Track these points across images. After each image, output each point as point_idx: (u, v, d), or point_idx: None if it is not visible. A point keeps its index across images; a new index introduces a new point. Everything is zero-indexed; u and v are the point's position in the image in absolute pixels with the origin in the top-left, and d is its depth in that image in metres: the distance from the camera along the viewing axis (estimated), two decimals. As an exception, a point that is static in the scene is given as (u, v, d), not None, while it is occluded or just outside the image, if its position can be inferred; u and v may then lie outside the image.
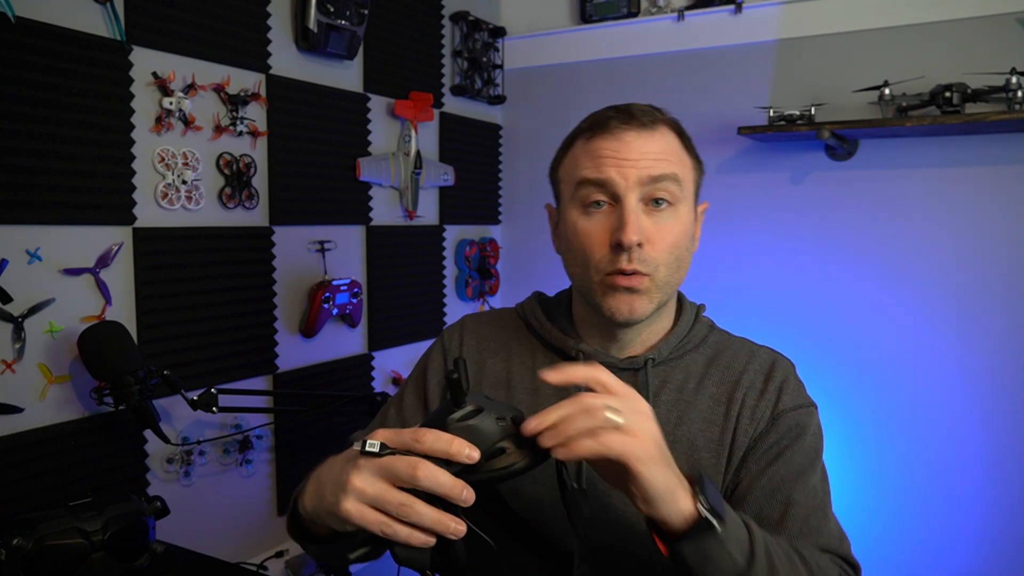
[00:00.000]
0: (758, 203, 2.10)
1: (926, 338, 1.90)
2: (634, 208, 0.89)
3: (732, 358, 1.00)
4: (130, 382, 1.29)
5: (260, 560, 1.66)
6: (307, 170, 1.77)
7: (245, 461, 1.65)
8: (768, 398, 0.95)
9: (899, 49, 1.89)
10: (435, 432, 0.68)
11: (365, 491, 0.68)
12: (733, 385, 0.97)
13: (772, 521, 0.88)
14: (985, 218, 1.83)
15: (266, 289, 1.69)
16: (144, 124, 1.43)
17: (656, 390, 0.96)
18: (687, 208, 0.94)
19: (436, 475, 0.66)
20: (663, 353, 0.97)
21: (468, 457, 0.67)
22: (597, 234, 0.91)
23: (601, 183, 0.90)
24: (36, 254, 1.28)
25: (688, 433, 0.94)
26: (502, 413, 0.72)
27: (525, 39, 2.42)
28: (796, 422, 0.94)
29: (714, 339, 1.03)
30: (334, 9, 1.74)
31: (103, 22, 1.36)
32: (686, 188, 0.93)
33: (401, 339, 2.09)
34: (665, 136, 0.92)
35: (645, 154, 0.89)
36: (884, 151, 1.93)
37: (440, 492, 0.66)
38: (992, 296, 1.83)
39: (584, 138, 0.93)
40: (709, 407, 0.96)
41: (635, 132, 0.90)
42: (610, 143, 0.90)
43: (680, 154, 0.94)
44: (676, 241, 0.92)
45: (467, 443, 0.68)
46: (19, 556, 1.07)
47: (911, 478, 1.92)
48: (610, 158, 0.89)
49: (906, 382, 1.93)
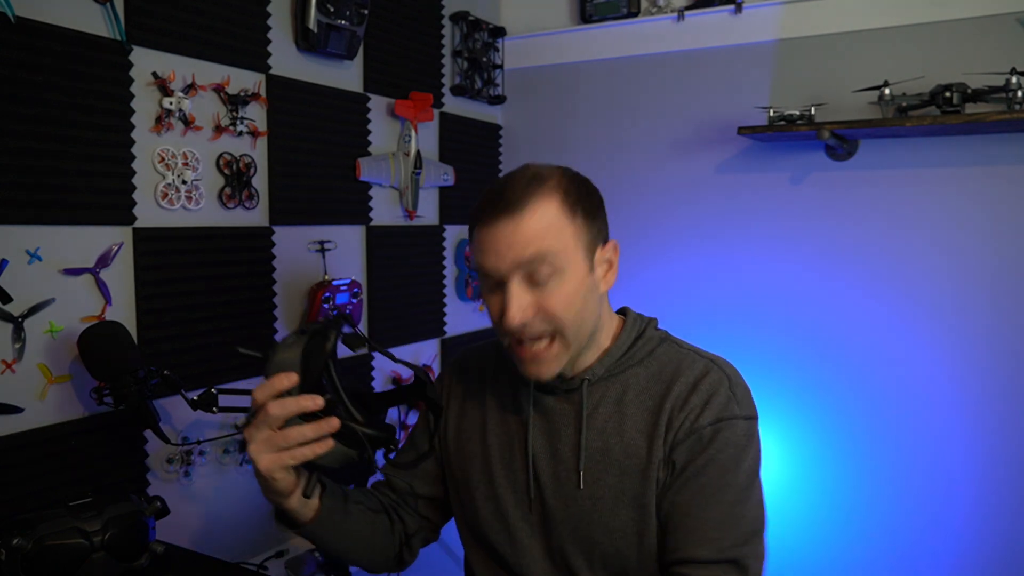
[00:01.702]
0: (758, 203, 2.10)
1: (926, 338, 1.90)
2: (515, 292, 0.97)
3: (672, 371, 1.05)
4: (130, 382, 1.28)
5: (260, 560, 1.66)
6: (307, 170, 1.77)
7: (245, 461, 1.65)
8: (690, 409, 1.01)
9: (899, 49, 1.89)
10: (257, 389, 0.91)
11: (259, 449, 0.91)
12: (663, 396, 1.03)
13: (674, 530, 0.98)
14: (985, 218, 1.83)
15: (266, 289, 1.69)
16: (144, 124, 1.43)
17: (594, 405, 1.06)
18: (575, 268, 0.99)
19: (283, 405, 0.89)
20: (598, 372, 1.06)
21: (285, 385, 0.90)
22: (494, 307, 1.01)
23: (486, 272, 0.99)
24: (36, 254, 1.28)
25: (620, 442, 1.03)
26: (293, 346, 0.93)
27: (525, 39, 2.42)
28: (711, 437, 0.99)
29: (662, 352, 1.09)
30: (334, 9, 1.74)
31: (103, 22, 1.36)
32: (567, 254, 0.98)
33: (401, 339, 2.09)
34: (535, 213, 0.97)
35: (514, 242, 0.96)
36: (884, 151, 1.93)
37: (295, 411, 0.90)
38: (992, 295, 1.83)
39: (476, 223, 1.01)
40: (643, 418, 1.03)
41: (505, 219, 0.96)
42: (488, 232, 0.98)
43: (556, 224, 0.98)
44: (568, 301, 0.98)
45: (280, 377, 0.90)
46: (19, 556, 1.07)
47: (903, 482, 1.92)
48: (490, 248, 0.98)
49: (904, 382, 1.93)
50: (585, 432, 1.04)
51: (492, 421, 1.14)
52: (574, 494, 1.04)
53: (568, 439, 1.06)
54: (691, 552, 0.96)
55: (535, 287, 0.97)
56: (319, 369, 0.92)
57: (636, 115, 2.25)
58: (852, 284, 1.98)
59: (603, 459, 1.03)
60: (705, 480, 0.98)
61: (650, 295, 2.16)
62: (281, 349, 0.92)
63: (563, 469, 1.05)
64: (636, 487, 1.01)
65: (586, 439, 1.04)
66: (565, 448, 1.06)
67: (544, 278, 0.97)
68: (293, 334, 0.95)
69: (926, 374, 1.90)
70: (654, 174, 2.24)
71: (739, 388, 1.04)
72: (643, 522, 1.01)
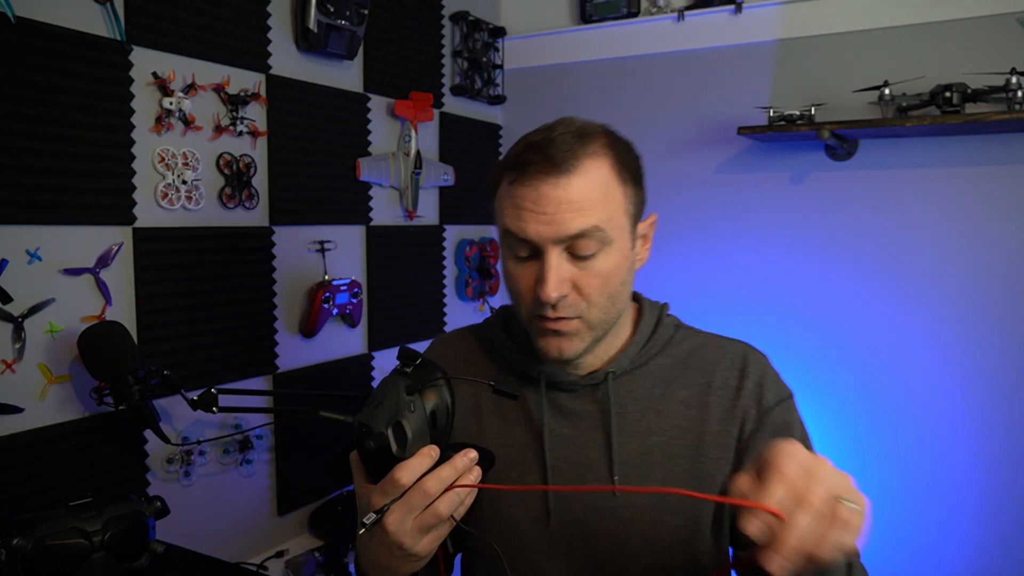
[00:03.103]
0: (758, 203, 2.10)
1: (926, 338, 1.90)
2: (555, 265, 0.85)
3: (702, 358, 0.97)
4: (130, 382, 1.28)
5: (260, 560, 1.66)
6: (307, 170, 1.77)
7: (245, 461, 1.65)
8: (747, 396, 0.93)
9: (899, 49, 1.89)
10: (399, 469, 0.76)
11: (415, 535, 0.77)
12: (705, 387, 0.95)
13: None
14: (985, 218, 1.83)
15: (266, 289, 1.69)
16: (144, 124, 1.43)
17: (621, 402, 0.95)
18: (620, 243, 0.89)
19: (440, 479, 0.76)
20: (624, 364, 0.96)
21: (432, 459, 0.77)
22: (524, 279, 0.89)
23: (521, 238, 0.87)
24: (36, 254, 1.28)
25: (660, 441, 0.93)
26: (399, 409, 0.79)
27: (525, 39, 2.42)
28: (783, 419, 0.93)
29: (680, 339, 1.01)
30: (334, 9, 1.74)
31: (103, 22, 1.35)
32: (615, 227, 0.87)
33: (401, 339, 2.09)
34: (587, 175, 0.85)
35: (562, 206, 0.84)
36: (884, 151, 1.93)
37: (448, 483, 0.77)
38: (992, 296, 1.82)
39: (508, 179, 0.89)
40: (680, 413, 0.94)
41: (552, 181, 0.84)
42: (528, 193, 0.85)
43: (607, 189, 0.87)
44: (606, 282, 0.88)
45: (424, 452, 0.77)
46: (19, 556, 1.06)
47: (907, 479, 1.92)
48: (528, 211, 0.85)
49: (906, 382, 1.93)
50: (616, 433, 0.93)
51: (492, 429, 0.99)
52: (609, 504, 0.92)
53: (596, 443, 0.94)
54: None
55: (576, 260, 0.87)
56: (447, 426, 0.82)
57: (636, 115, 2.25)
58: (852, 284, 1.98)
59: (641, 463, 0.92)
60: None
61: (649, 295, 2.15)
62: (405, 415, 0.78)
63: (593, 478, 0.93)
64: (684, 489, 0.90)
65: (618, 439, 0.93)
66: (592, 453, 0.94)
67: (587, 252, 0.86)
68: (392, 391, 0.79)
69: (926, 373, 1.90)
70: (654, 174, 2.21)
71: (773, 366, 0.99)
72: (693, 528, 0.91)
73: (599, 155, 0.87)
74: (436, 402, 0.81)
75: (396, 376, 0.81)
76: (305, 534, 1.81)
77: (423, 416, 0.79)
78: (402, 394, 0.79)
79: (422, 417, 0.79)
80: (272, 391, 1.56)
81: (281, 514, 1.75)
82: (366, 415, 0.78)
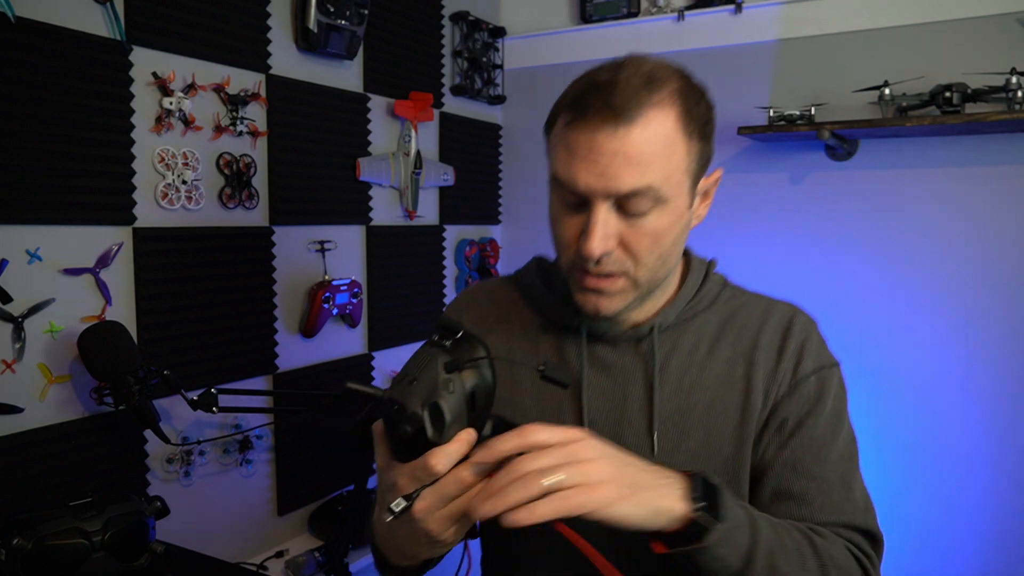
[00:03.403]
0: (758, 203, 2.10)
1: (926, 337, 1.90)
2: (601, 220, 0.80)
3: (747, 317, 0.93)
4: (130, 382, 1.28)
5: (260, 560, 1.66)
6: (307, 170, 1.77)
7: (245, 461, 1.65)
8: (788, 359, 0.89)
9: (899, 49, 1.89)
10: (434, 455, 0.69)
11: (445, 524, 0.71)
12: (750, 346, 0.90)
13: (793, 496, 0.85)
14: (985, 218, 1.83)
15: (266, 289, 1.69)
16: (144, 124, 1.43)
17: (665, 356, 0.90)
18: (676, 202, 0.82)
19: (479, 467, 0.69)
20: (669, 318, 0.91)
21: (470, 445, 0.70)
22: (569, 229, 0.84)
23: (569, 188, 0.81)
24: (36, 254, 1.28)
25: (703, 399, 0.88)
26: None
27: (525, 39, 2.42)
28: (817, 387, 0.89)
29: (727, 297, 0.96)
30: (334, 9, 1.74)
31: (103, 22, 1.36)
32: (672, 185, 0.81)
33: (401, 339, 2.09)
34: (649, 127, 0.78)
35: (617, 159, 0.77)
36: (884, 151, 1.93)
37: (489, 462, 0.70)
38: (993, 296, 1.82)
39: (565, 118, 0.82)
40: (724, 371, 0.90)
41: (611, 129, 0.77)
42: (584, 138, 0.79)
43: (669, 144, 0.79)
44: (657, 241, 0.82)
45: (461, 438, 0.70)
46: (19, 556, 1.07)
47: (915, 478, 1.92)
48: (580, 160, 0.79)
49: (907, 381, 1.92)
50: (659, 388, 0.89)
51: (527, 382, 0.94)
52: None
53: (636, 398, 0.89)
54: (821, 517, 0.84)
55: (626, 216, 0.80)
56: (486, 408, 0.74)
57: (636, 115, 2.25)
58: (852, 284, 1.98)
59: (682, 420, 0.88)
60: (819, 437, 0.86)
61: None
62: (444, 395, 0.70)
63: (631, 434, 0.89)
64: (726, 450, 0.87)
65: (659, 395, 0.89)
66: (632, 408, 0.89)
67: (640, 209, 0.80)
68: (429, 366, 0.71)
69: (926, 373, 1.90)
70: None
71: (820, 333, 0.93)
72: (734, 490, 0.86)
73: (665, 105, 0.79)
74: (476, 382, 0.72)
75: (433, 349, 0.73)
76: (305, 534, 1.81)
77: (462, 397, 0.71)
78: (441, 372, 0.70)
79: (461, 398, 0.71)
80: (272, 391, 1.56)
81: (281, 514, 1.75)
82: (399, 391, 0.70)
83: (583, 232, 0.81)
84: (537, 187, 2.44)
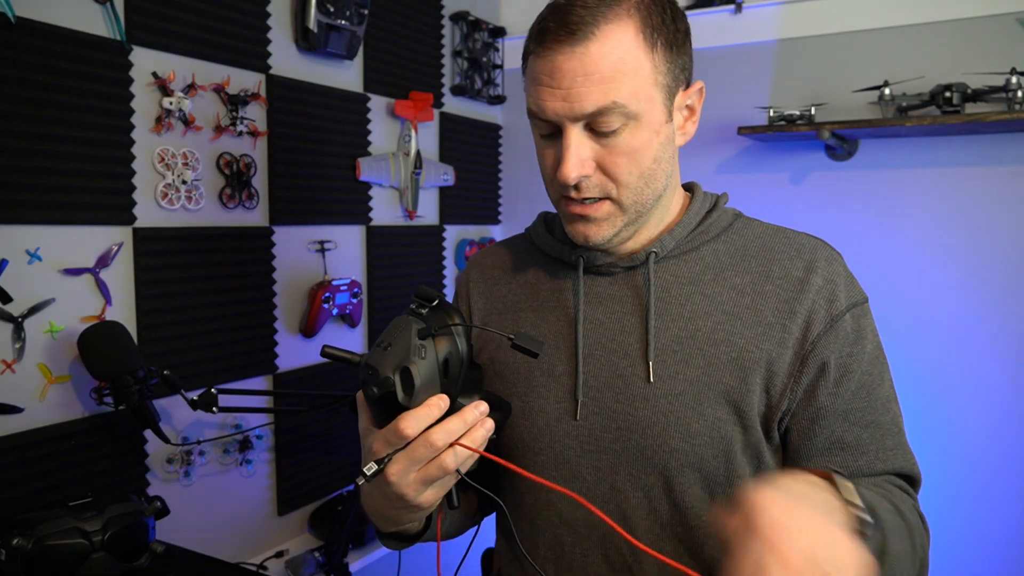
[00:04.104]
0: (758, 203, 2.08)
1: (926, 338, 1.90)
2: (574, 143, 0.80)
3: (763, 247, 0.90)
4: (130, 382, 1.28)
5: (260, 560, 1.66)
6: (307, 170, 1.77)
7: (245, 461, 1.65)
8: (815, 292, 0.85)
9: (899, 49, 1.89)
10: (404, 419, 0.70)
11: (418, 487, 0.73)
12: (763, 274, 0.87)
13: (848, 446, 0.83)
14: (985, 218, 1.83)
15: (266, 289, 1.69)
16: (144, 124, 1.43)
17: (664, 285, 0.88)
18: (650, 117, 0.81)
19: (448, 432, 0.71)
20: (667, 246, 0.89)
21: (441, 410, 0.72)
22: (548, 159, 0.85)
23: (539, 116, 0.82)
24: (36, 254, 1.28)
25: (705, 328, 0.85)
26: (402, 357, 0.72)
27: (525, 39, 2.42)
28: (855, 325, 0.86)
29: (742, 226, 0.93)
30: (334, 9, 1.74)
31: (103, 22, 1.36)
32: (641, 98, 0.79)
33: (401, 339, 2.08)
34: (606, 42, 0.77)
35: (577, 80, 0.77)
36: (884, 151, 1.93)
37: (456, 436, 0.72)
38: (992, 296, 1.82)
39: (531, 48, 0.83)
40: (731, 299, 0.86)
41: (567, 51, 0.77)
42: (544, 65, 0.79)
43: (631, 59, 0.78)
44: (635, 160, 0.81)
45: (432, 402, 0.71)
46: (19, 556, 1.07)
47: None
48: (545, 87, 0.79)
49: (908, 382, 1.92)
50: (654, 315, 0.86)
51: (527, 321, 0.95)
52: (643, 392, 0.84)
53: (632, 327, 0.88)
54: (878, 466, 0.83)
55: (599, 137, 0.80)
56: (459, 376, 0.76)
57: (636, 115, 2.25)
58: (852, 284, 1.98)
59: (681, 348, 0.85)
60: (868, 382, 0.84)
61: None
62: (415, 361, 0.71)
63: (627, 364, 0.86)
64: (729, 380, 0.83)
65: (656, 324, 0.86)
66: (629, 338, 0.87)
67: (610, 128, 0.79)
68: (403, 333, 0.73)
69: (926, 374, 1.90)
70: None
71: (847, 266, 0.90)
72: (736, 424, 0.83)
73: (622, 18, 0.78)
74: (450, 349, 0.74)
75: (409, 317, 0.75)
76: (305, 534, 1.81)
77: (435, 363, 0.72)
78: (414, 338, 0.72)
79: (433, 364, 0.72)
80: (272, 391, 1.56)
81: (281, 514, 1.75)
82: (374, 356, 0.72)
83: (558, 159, 0.82)
84: (537, 187, 2.44)
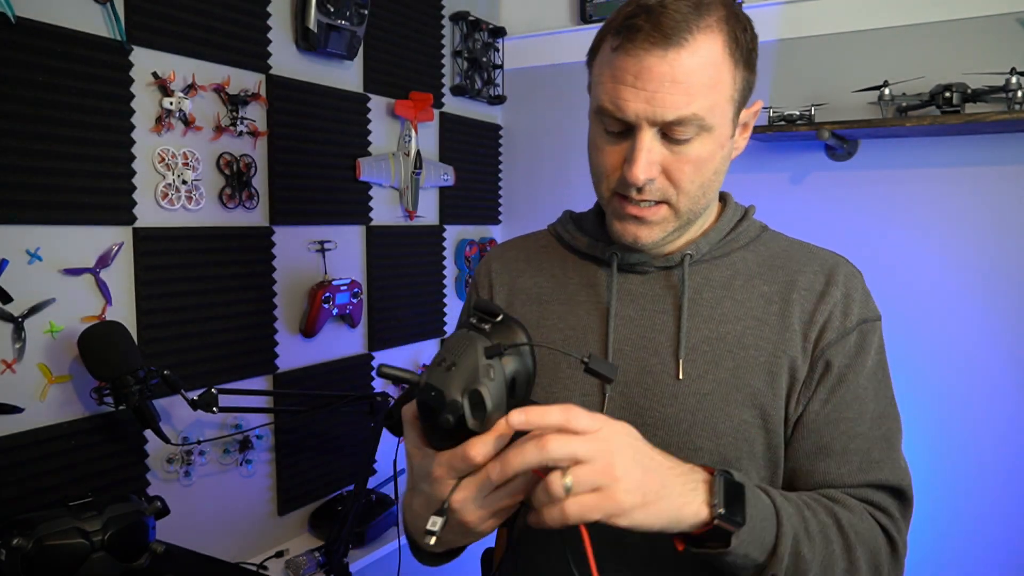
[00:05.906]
0: (758, 203, 2.06)
1: (926, 338, 1.90)
2: (647, 146, 0.80)
3: (788, 259, 0.92)
4: (130, 382, 1.29)
5: (260, 560, 1.66)
6: (307, 170, 1.77)
7: (245, 461, 1.65)
8: (832, 305, 0.87)
9: (899, 49, 1.89)
10: (474, 445, 0.65)
11: (484, 514, 0.69)
12: (789, 285, 0.89)
13: (834, 452, 0.84)
14: (985, 218, 1.83)
15: (266, 289, 1.69)
16: (144, 124, 1.43)
17: (697, 287, 0.90)
18: (719, 131, 0.83)
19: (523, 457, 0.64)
20: (702, 249, 0.91)
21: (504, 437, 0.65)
22: (611, 155, 0.84)
23: (613, 114, 0.81)
24: (36, 254, 1.28)
25: (734, 331, 0.87)
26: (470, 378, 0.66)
27: (525, 39, 2.42)
28: (859, 340, 0.88)
29: (768, 239, 0.96)
30: (334, 9, 1.74)
31: (103, 22, 1.36)
32: (717, 114, 0.81)
33: (401, 339, 2.09)
34: (698, 52, 0.78)
35: (666, 85, 0.77)
36: (884, 151, 1.93)
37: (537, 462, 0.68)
38: (992, 296, 1.82)
39: (611, 43, 0.81)
40: (760, 306, 0.88)
41: (659, 53, 0.77)
42: (631, 65, 0.78)
43: (716, 72, 0.80)
44: (699, 169, 0.83)
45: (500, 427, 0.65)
46: (19, 556, 1.07)
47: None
48: (628, 86, 0.78)
49: (908, 382, 1.92)
50: (687, 315, 0.88)
51: (554, 314, 0.95)
52: (672, 390, 0.86)
53: (664, 326, 0.89)
54: (860, 477, 0.84)
55: (670, 143, 0.81)
56: (525, 395, 0.72)
57: (636, 115, 2.25)
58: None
59: (711, 349, 0.87)
60: (861, 394, 0.86)
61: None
62: (484, 382, 0.65)
63: (657, 361, 0.88)
64: (757, 384, 0.85)
65: (688, 324, 0.88)
66: (660, 336, 0.89)
67: (683, 137, 0.80)
68: (469, 351, 0.67)
69: (925, 374, 1.90)
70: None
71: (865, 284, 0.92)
72: (760, 428, 0.85)
73: (714, 30, 0.79)
74: (517, 368, 0.69)
75: (472, 333, 0.70)
76: (305, 534, 1.82)
77: (503, 383, 0.67)
78: (481, 357, 0.67)
79: (501, 384, 0.67)
80: (272, 391, 1.56)
81: (281, 514, 1.75)
82: (437, 377, 0.65)
83: (627, 159, 0.81)
84: (537, 187, 2.44)
